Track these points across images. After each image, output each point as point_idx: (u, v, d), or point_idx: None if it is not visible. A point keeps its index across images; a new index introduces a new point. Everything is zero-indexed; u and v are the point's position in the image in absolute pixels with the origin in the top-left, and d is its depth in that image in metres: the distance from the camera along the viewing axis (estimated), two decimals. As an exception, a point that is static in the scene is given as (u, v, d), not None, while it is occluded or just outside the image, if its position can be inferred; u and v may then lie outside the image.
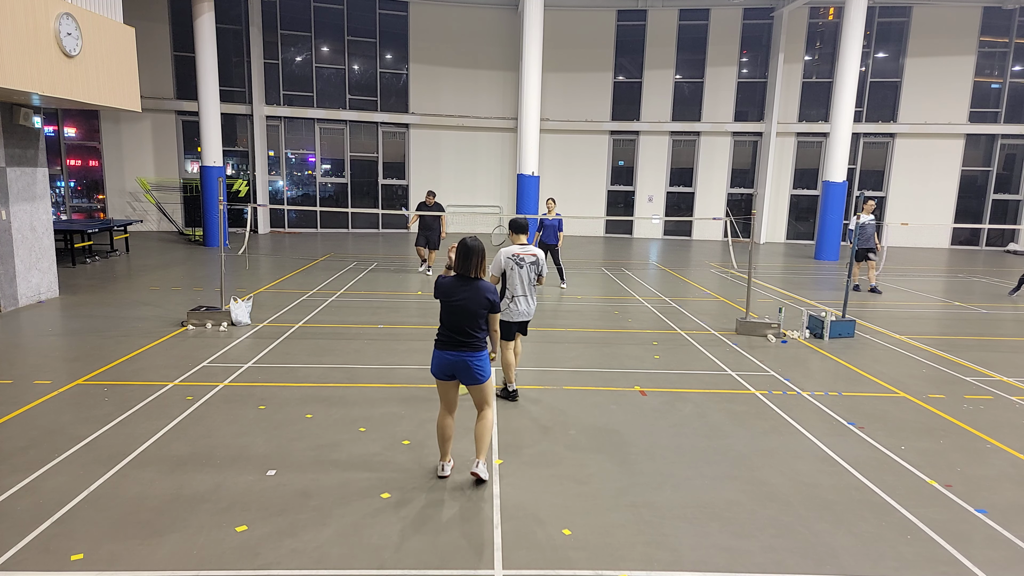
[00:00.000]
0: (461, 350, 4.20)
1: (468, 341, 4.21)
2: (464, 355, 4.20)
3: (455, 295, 4.20)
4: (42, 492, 4.06)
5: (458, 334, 4.20)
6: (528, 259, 5.83)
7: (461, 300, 4.18)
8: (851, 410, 5.90)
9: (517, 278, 5.79)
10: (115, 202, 19.05)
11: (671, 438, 5.19)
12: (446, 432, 4.40)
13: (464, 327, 4.19)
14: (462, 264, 4.23)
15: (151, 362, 6.72)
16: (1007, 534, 3.89)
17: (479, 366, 4.24)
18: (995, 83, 20.59)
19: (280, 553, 3.51)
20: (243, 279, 11.69)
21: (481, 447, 4.34)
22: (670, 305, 10.46)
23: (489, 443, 4.37)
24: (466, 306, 4.18)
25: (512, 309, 5.82)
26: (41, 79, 7.50)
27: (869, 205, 11.97)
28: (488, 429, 4.35)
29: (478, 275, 4.24)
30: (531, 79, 16.23)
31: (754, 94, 21.20)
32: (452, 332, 4.21)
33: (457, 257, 4.25)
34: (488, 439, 4.35)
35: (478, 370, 4.24)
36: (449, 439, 4.43)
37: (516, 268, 5.79)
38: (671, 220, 21.85)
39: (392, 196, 21.51)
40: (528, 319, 6.00)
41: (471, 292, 4.19)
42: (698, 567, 3.51)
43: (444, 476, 4.41)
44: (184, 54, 18.37)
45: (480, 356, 4.25)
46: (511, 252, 5.81)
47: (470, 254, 4.21)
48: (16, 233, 8.98)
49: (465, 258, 4.22)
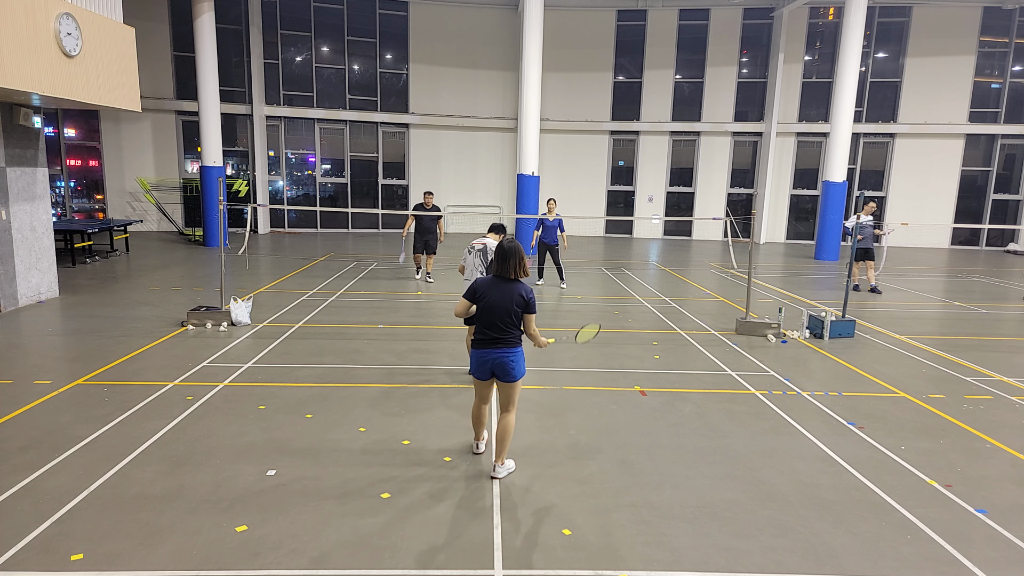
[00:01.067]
0: (498, 347, 4.28)
1: (504, 338, 4.28)
2: (501, 351, 4.28)
3: (490, 293, 4.27)
4: (42, 492, 4.06)
5: (494, 331, 4.28)
6: (477, 246, 6.55)
7: (496, 297, 4.25)
8: (851, 410, 5.90)
9: (469, 263, 6.59)
10: (115, 202, 19.05)
11: (671, 438, 5.19)
12: (482, 418, 4.62)
13: (499, 323, 4.26)
14: (501, 265, 4.28)
15: (151, 362, 6.72)
16: (1007, 534, 3.89)
17: (515, 362, 4.31)
18: (995, 83, 20.59)
19: (280, 553, 3.51)
20: (243, 279, 11.69)
21: (501, 449, 4.40)
22: (670, 305, 10.46)
23: (508, 446, 4.43)
24: (500, 303, 4.24)
25: None
26: (41, 79, 7.50)
27: (870, 207, 12.00)
28: (509, 432, 4.39)
29: (517, 276, 4.30)
30: (531, 79, 16.23)
31: (754, 94, 21.20)
32: (488, 329, 4.29)
33: (496, 259, 4.32)
34: (508, 442, 4.40)
35: (513, 366, 4.30)
36: (484, 424, 4.66)
37: (467, 255, 6.62)
38: (671, 220, 21.85)
39: (392, 196, 21.51)
40: None
41: (507, 290, 4.26)
42: (698, 567, 3.51)
43: (479, 453, 4.73)
44: (184, 54, 18.37)
45: (516, 352, 4.32)
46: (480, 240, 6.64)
47: (508, 255, 4.28)
48: (16, 233, 8.98)
49: (504, 259, 4.28)
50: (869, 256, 12.10)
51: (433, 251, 12.05)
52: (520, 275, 4.31)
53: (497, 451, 4.40)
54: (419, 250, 12.14)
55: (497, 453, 4.40)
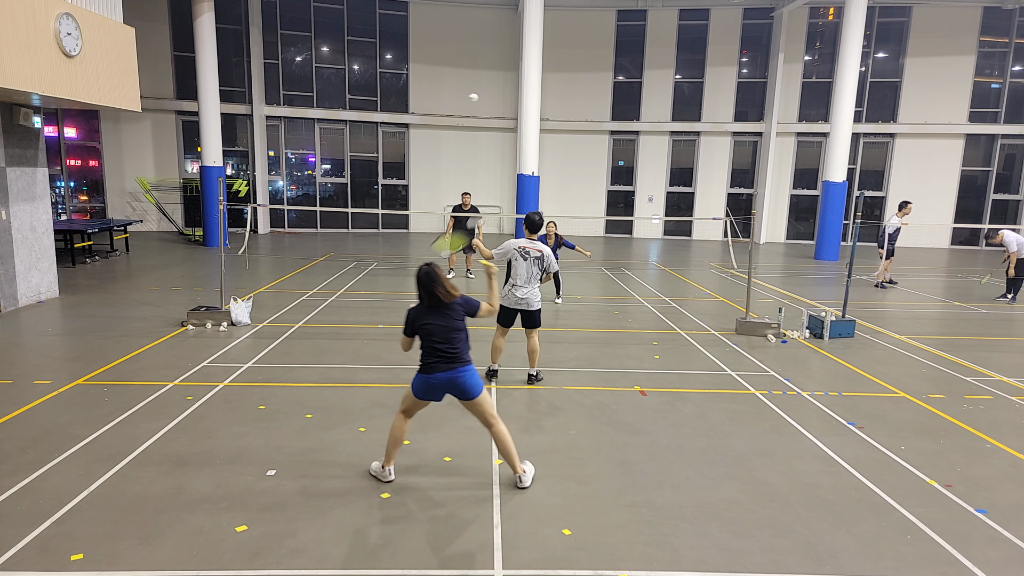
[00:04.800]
0: (448, 369, 4.10)
1: (453, 356, 4.11)
2: (452, 374, 4.10)
3: (429, 319, 4.11)
4: (42, 492, 4.06)
5: (442, 354, 4.10)
6: (533, 253, 6.11)
7: (438, 323, 4.10)
8: (851, 410, 5.90)
9: (521, 268, 6.10)
10: (115, 202, 19.05)
11: (671, 438, 5.19)
12: (402, 437, 4.32)
13: (444, 346, 4.10)
14: (429, 297, 4.09)
15: (151, 362, 6.72)
16: (1007, 534, 3.89)
17: (469, 380, 4.13)
18: (995, 83, 20.59)
19: (280, 553, 3.51)
20: (243, 279, 11.69)
21: (512, 460, 4.25)
22: (670, 305, 10.46)
23: (516, 454, 4.26)
24: (444, 325, 4.10)
25: (509, 295, 6.14)
26: (41, 79, 7.50)
27: (908, 208, 12.55)
28: (507, 442, 4.22)
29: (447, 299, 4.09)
30: (531, 79, 16.23)
31: (754, 94, 21.20)
32: (435, 353, 4.11)
33: (421, 289, 4.10)
34: (512, 449, 4.24)
35: (470, 385, 4.13)
36: (400, 445, 4.36)
37: (520, 259, 6.11)
38: (671, 220, 21.85)
39: (393, 196, 21.51)
40: (527, 308, 6.15)
41: (446, 313, 4.11)
42: (698, 567, 3.51)
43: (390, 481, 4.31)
44: (184, 54, 18.36)
45: (468, 370, 4.15)
46: (519, 244, 6.15)
47: (430, 284, 4.06)
48: (16, 233, 8.98)
49: (428, 289, 4.07)
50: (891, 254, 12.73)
51: (471, 250, 12.20)
52: (448, 297, 4.10)
53: (510, 463, 4.26)
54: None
55: (511, 465, 4.26)
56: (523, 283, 6.09)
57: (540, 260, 6.10)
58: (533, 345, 6.30)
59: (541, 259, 6.10)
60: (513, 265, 6.14)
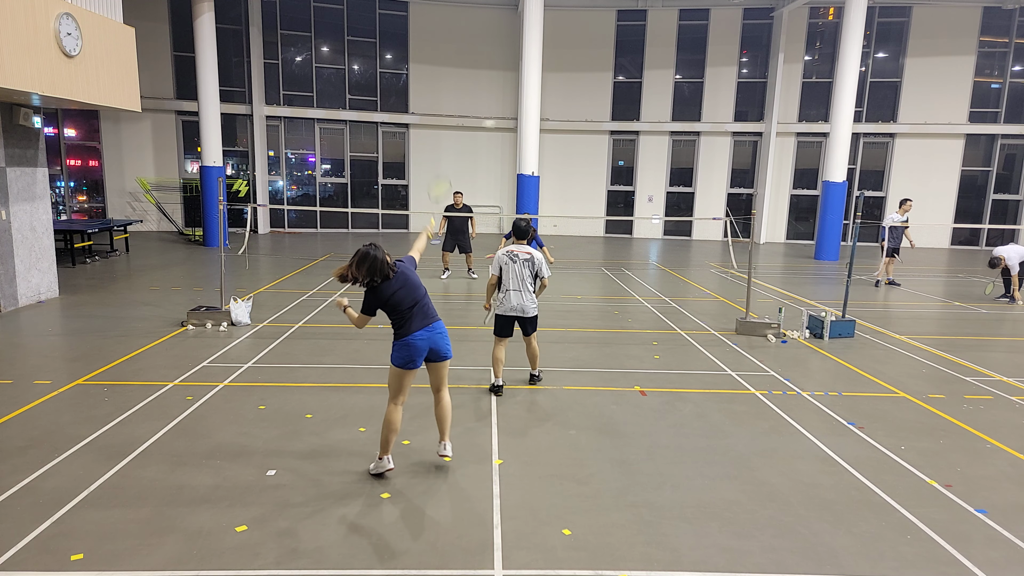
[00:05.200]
0: (425, 325, 4.27)
1: (426, 313, 4.30)
2: (430, 329, 4.28)
3: (392, 290, 4.21)
4: (42, 492, 4.06)
5: (414, 314, 4.25)
6: (522, 256, 6.04)
7: (399, 289, 4.23)
8: (851, 410, 5.90)
9: (511, 272, 6.03)
10: (115, 202, 19.05)
11: (671, 438, 5.19)
12: (398, 424, 4.36)
13: (417, 306, 4.26)
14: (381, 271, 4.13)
15: (151, 362, 6.72)
16: (1007, 534, 3.89)
17: (445, 338, 4.37)
18: (995, 83, 20.58)
19: (280, 553, 3.51)
20: (243, 279, 11.69)
21: (444, 428, 4.48)
22: (670, 305, 10.46)
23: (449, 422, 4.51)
24: (405, 286, 4.25)
25: (503, 302, 6.04)
26: (41, 79, 7.50)
27: (907, 205, 12.79)
28: (449, 410, 4.50)
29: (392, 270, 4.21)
30: (531, 79, 16.22)
31: (754, 94, 21.20)
32: (407, 316, 4.24)
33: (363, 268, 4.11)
34: (450, 419, 4.51)
35: (446, 343, 4.37)
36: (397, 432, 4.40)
37: (510, 263, 6.04)
38: (671, 220, 21.85)
39: (393, 196, 21.51)
40: (523, 316, 6.07)
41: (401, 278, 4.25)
42: (698, 567, 3.51)
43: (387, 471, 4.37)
44: (184, 54, 18.36)
45: (442, 326, 4.37)
46: (507, 249, 6.10)
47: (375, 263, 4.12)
48: (16, 233, 8.98)
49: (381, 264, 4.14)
50: (896, 253, 12.99)
51: (468, 250, 12.17)
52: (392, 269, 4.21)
53: (442, 430, 4.48)
54: (448, 249, 12.12)
55: (442, 432, 4.48)
56: (516, 287, 6.00)
57: (530, 262, 6.01)
58: (533, 350, 6.26)
59: (531, 261, 6.02)
60: (504, 272, 6.04)
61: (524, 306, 6.02)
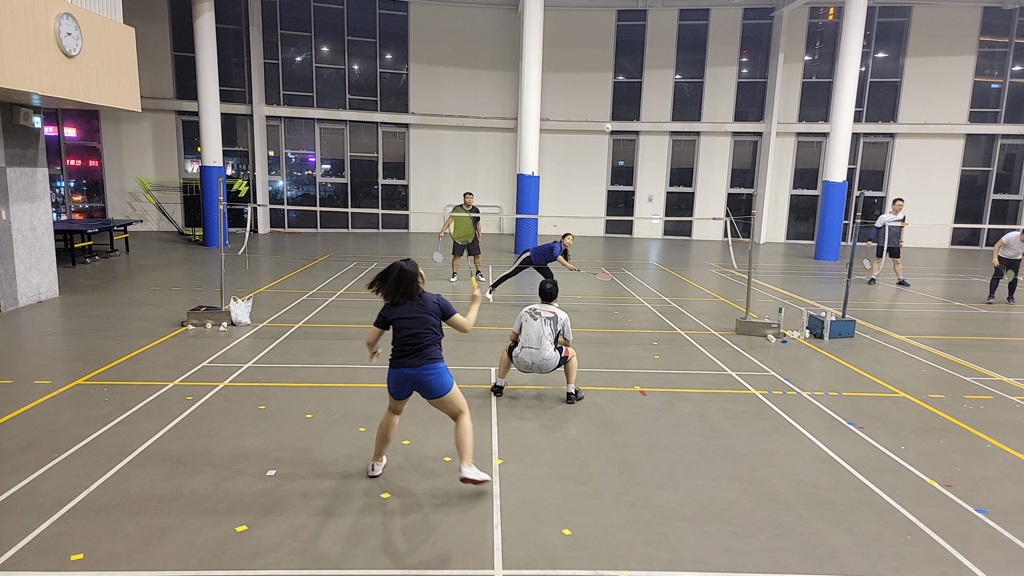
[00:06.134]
0: (415, 365, 4.06)
1: (420, 351, 4.07)
2: (417, 371, 4.05)
3: (402, 313, 4.10)
4: (42, 492, 4.06)
5: (411, 348, 4.07)
6: (544, 314, 5.84)
7: (409, 315, 4.09)
8: (851, 410, 5.90)
9: (531, 329, 5.78)
10: (115, 202, 19.05)
11: (671, 438, 5.18)
12: (389, 433, 4.31)
13: (414, 340, 4.07)
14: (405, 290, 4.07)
15: (151, 362, 6.72)
16: (1007, 534, 3.89)
17: (436, 377, 4.07)
18: (995, 83, 20.58)
19: (280, 553, 3.51)
20: (243, 279, 11.69)
21: (464, 451, 4.09)
22: (670, 305, 10.46)
23: (472, 446, 4.13)
24: (415, 318, 4.09)
25: (519, 359, 5.84)
26: (41, 79, 7.50)
27: (898, 204, 12.95)
28: (468, 433, 4.11)
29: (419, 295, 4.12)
30: (531, 79, 16.21)
31: (754, 94, 21.20)
32: (403, 348, 4.08)
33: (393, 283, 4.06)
34: (470, 442, 4.11)
35: (437, 383, 4.08)
36: (388, 443, 4.35)
37: (530, 319, 5.82)
38: (671, 220, 21.85)
39: (393, 196, 21.51)
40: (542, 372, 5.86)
41: (415, 307, 4.11)
42: (698, 567, 3.51)
43: (375, 476, 4.36)
44: (184, 54, 18.36)
45: (437, 367, 4.09)
46: (530, 307, 5.93)
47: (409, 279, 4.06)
48: (16, 233, 8.98)
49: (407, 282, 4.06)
50: (896, 254, 13.04)
51: (476, 251, 11.88)
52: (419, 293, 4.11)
53: (461, 453, 4.09)
54: (458, 253, 11.88)
55: (463, 455, 4.07)
56: (532, 345, 5.71)
57: (553, 321, 5.75)
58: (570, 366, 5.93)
59: (554, 320, 5.75)
60: (524, 327, 5.79)
61: (540, 364, 5.75)
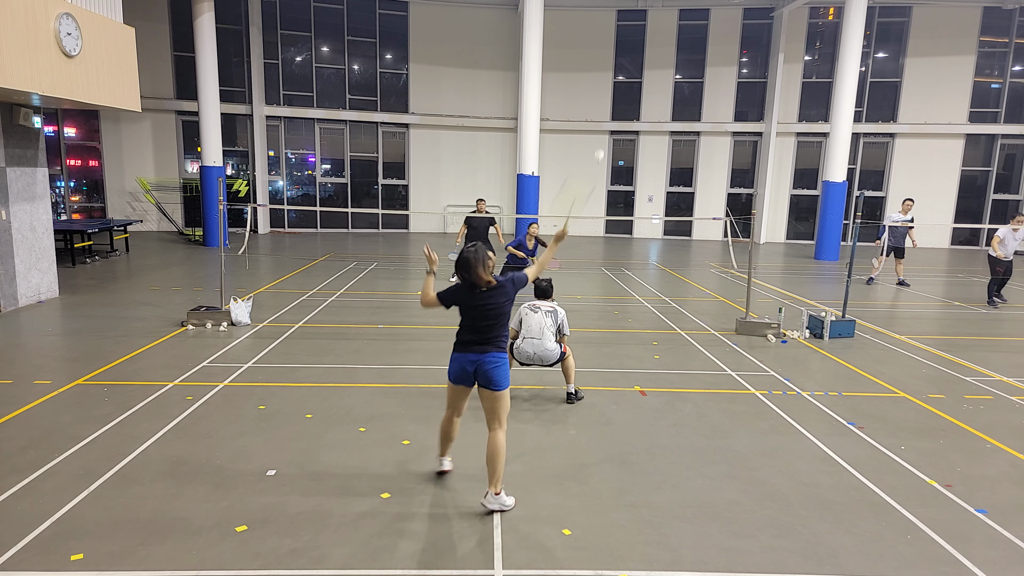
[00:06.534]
0: (480, 351, 4.00)
1: (486, 340, 4.01)
2: (482, 357, 3.99)
3: (469, 299, 4.02)
4: (42, 492, 4.06)
5: (479, 333, 4.01)
6: (544, 307, 5.91)
7: (476, 303, 4.01)
8: (851, 410, 5.90)
9: (531, 321, 5.83)
10: (115, 202, 19.05)
11: (671, 438, 5.18)
12: (451, 432, 4.31)
13: (482, 326, 4.01)
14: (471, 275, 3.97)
15: (151, 362, 6.72)
16: (1007, 534, 3.89)
17: (497, 367, 4.00)
18: (995, 83, 20.59)
19: (280, 553, 3.51)
20: (243, 279, 11.69)
21: (493, 473, 3.94)
22: (670, 305, 10.46)
23: (501, 470, 3.96)
24: (483, 307, 4.00)
25: (520, 350, 5.86)
26: (41, 79, 7.50)
27: (907, 204, 12.86)
28: (499, 451, 3.94)
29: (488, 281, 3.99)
30: (531, 79, 16.22)
31: (754, 94, 21.20)
32: (473, 332, 4.02)
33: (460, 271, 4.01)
34: (501, 464, 3.94)
35: (498, 374, 3.99)
36: (451, 440, 4.35)
37: (530, 312, 5.87)
38: (671, 220, 21.85)
39: (392, 196, 21.51)
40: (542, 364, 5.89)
41: (487, 295, 4.01)
42: (698, 567, 3.51)
43: (444, 471, 4.39)
44: (184, 54, 18.36)
45: (499, 358, 4.02)
46: (529, 303, 5.99)
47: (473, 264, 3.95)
48: (16, 233, 8.98)
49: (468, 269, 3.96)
50: (900, 254, 12.99)
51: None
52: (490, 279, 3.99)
53: (489, 475, 3.95)
54: None
55: (489, 478, 3.94)
56: (535, 335, 5.77)
57: (553, 314, 5.87)
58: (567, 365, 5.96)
59: (554, 313, 5.88)
60: (523, 321, 5.86)
61: (543, 355, 5.80)
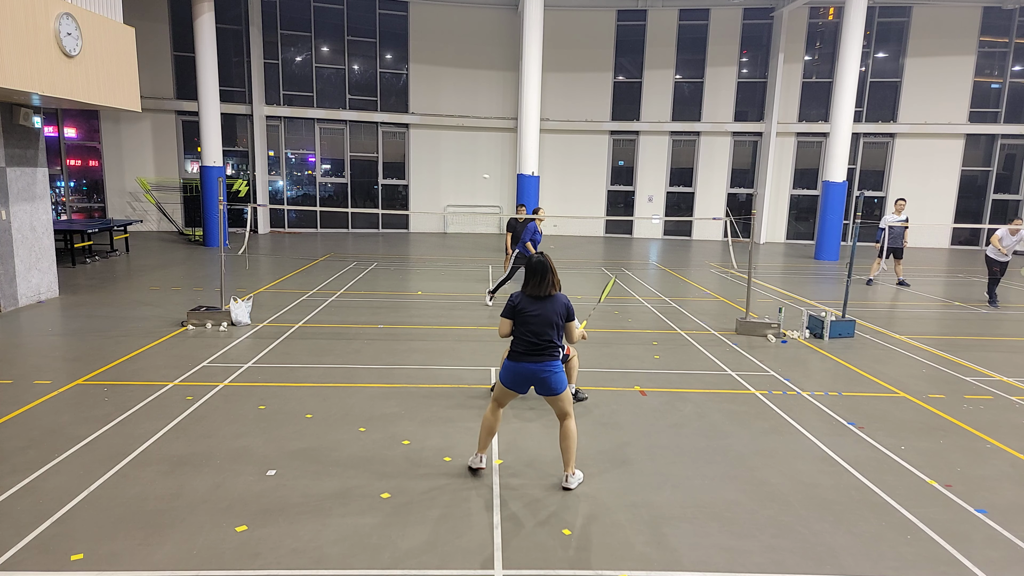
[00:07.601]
0: (538, 360, 4.19)
1: (543, 350, 4.19)
2: (541, 366, 4.18)
3: (531, 308, 4.21)
4: (42, 492, 4.06)
5: (532, 345, 4.19)
6: None
7: (538, 311, 4.20)
8: (851, 410, 5.90)
9: None
10: (115, 202, 19.05)
11: (671, 438, 5.18)
12: (493, 426, 4.41)
13: (542, 337, 4.18)
14: (538, 285, 4.20)
15: (151, 362, 6.72)
16: (1007, 534, 3.89)
17: (556, 375, 4.21)
18: (995, 83, 20.58)
19: (280, 553, 3.51)
20: (243, 279, 11.69)
21: (565, 457, 4.29)
22: (670, 305, 10.46)
23: (574, 453, 4.31)
24: (541, 316, 4.18)
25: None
26: (41, 79, 7.50)
27: (900, 204, 12.91)
28: (572, 437, 4.28)
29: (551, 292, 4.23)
30: (531, 79, 16.22)
31: (754, 94, 21.20)
32: (526, 343, 4.20)
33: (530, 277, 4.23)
34: (574, 448, 4.29)
35: (555, 381, 4.20)
36: (493, 433, 4.45)
37: None
38: (671, 220, 21.85)
39: (392, 196, 21.51)
40: None
41: (549, 303, 4.21)
42: (698, 567, 3.51)
43: (479, 468, 4.46)
44: (184, 54, 18.36)
45: (556, 365, 4.23)
46: None
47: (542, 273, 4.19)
48: (16, 233, 8.98)
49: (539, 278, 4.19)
50: (899, 254, 13.03)
51: None
52: (555, 289, 4.25)
53: (564, 460, 4.31)
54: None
55: (565, 463, 4.30)
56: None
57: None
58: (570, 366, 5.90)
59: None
60: None
61: None
